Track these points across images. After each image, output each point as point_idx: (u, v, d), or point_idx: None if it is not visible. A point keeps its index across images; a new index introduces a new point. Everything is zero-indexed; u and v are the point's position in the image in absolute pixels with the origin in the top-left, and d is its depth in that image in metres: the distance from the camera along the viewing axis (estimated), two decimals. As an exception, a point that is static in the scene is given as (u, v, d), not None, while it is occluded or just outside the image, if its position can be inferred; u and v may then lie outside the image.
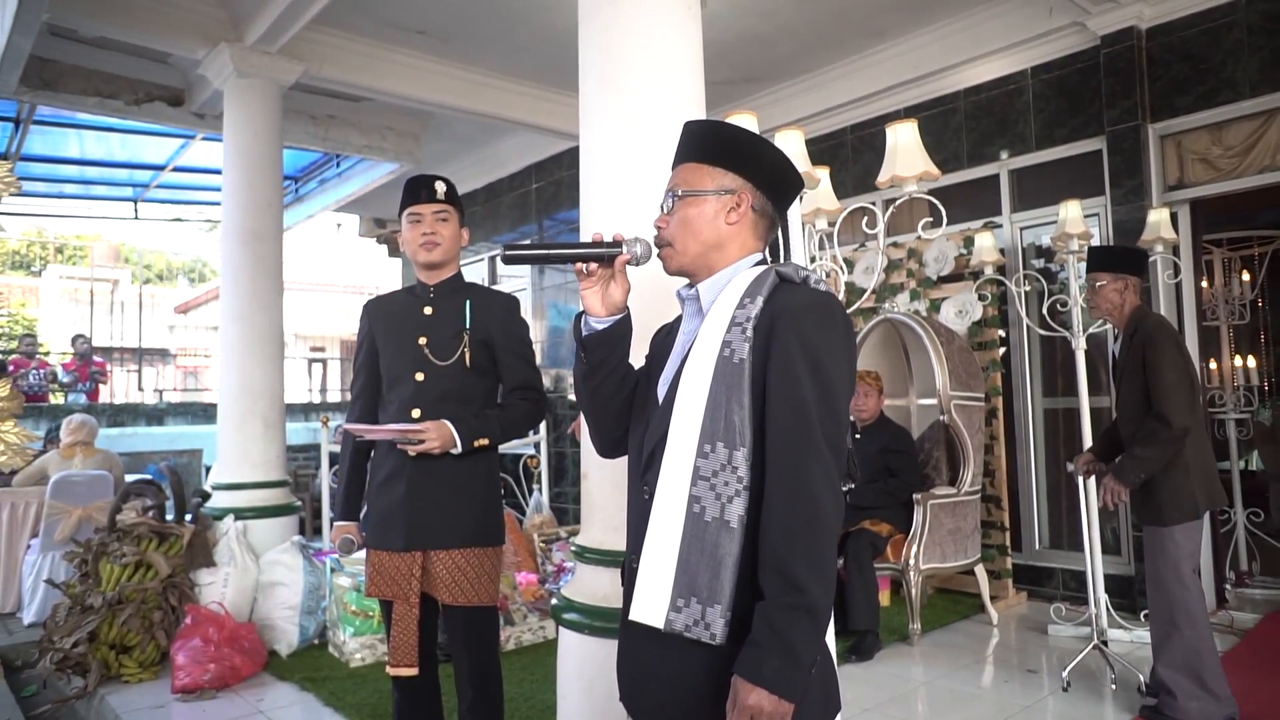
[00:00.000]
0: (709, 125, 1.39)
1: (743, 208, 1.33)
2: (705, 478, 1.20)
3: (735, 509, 1.18)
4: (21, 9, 4.04)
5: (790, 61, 5.73)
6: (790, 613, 1.12)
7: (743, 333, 1.22)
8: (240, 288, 4.86)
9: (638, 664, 1.31)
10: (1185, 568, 3.00)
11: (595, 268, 1.36)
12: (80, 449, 5.45)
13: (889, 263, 5.25)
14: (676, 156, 1.40)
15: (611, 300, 1.37)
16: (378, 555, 2.26)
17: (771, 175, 1.36)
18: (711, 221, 1.32)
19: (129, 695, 3.60)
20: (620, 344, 1.40)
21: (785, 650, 1.11)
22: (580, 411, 1.67)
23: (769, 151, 1.37)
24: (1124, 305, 3.17)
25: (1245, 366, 5.71)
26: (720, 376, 1.22)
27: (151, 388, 14.62)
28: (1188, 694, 2.96)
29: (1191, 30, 4.47)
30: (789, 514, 1.15)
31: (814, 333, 1.21)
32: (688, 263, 1.35)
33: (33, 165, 7.56)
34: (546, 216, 7.81)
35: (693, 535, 1.19)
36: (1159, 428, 2.95)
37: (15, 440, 1.95)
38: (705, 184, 1.33)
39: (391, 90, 5.63)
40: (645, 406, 1.39)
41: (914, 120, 2.84)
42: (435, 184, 2.30)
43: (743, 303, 1.25)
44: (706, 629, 1.17)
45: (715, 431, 1.20)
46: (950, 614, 4.59)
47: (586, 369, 1.41)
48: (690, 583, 1.18)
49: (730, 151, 1.34)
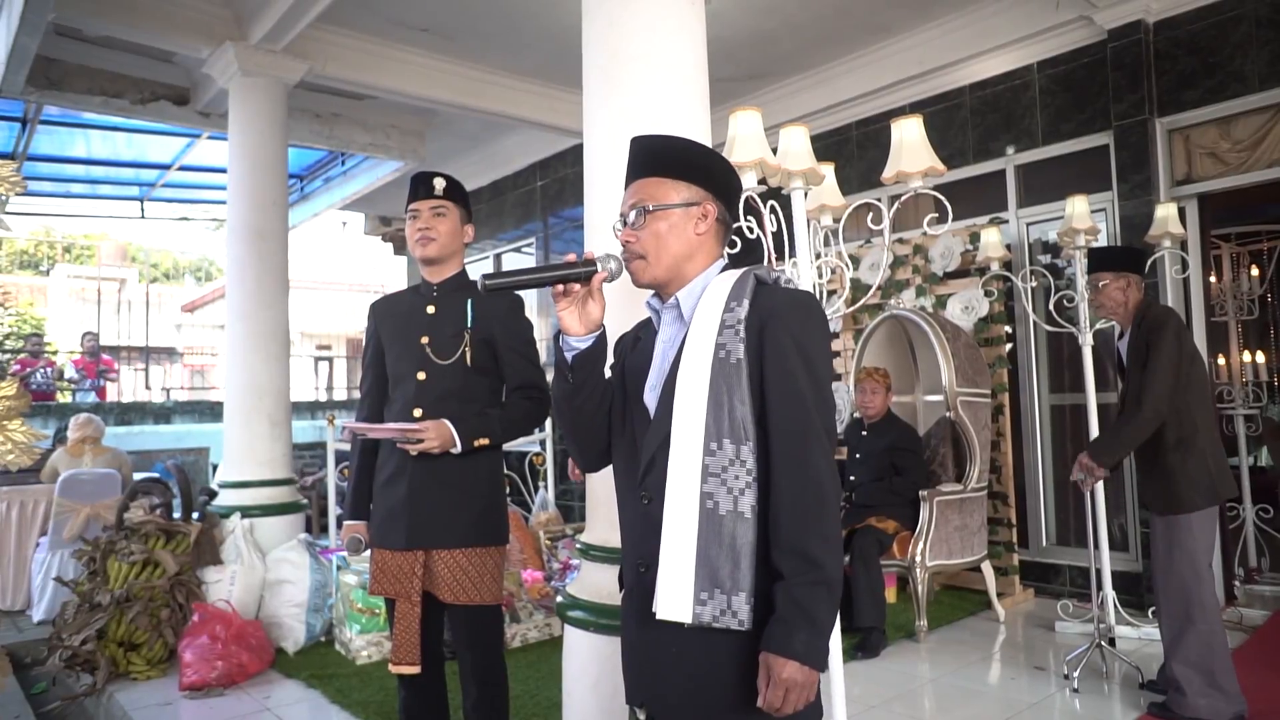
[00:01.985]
0: (665, 141, 1.45)
1: (709, 219, 1.40)
2: (715, 474, 1.25)
3: (747, 500, 1.25)
4: (28, 9, 4.05)
5: (794, 58, 5.71)
6: (812, 588, 1.21)
7: (736, 334, 1.28)
8: (246, 286, 4.87)
9: (656, 661, 1.34)
10: (1202, 560, 3.00)
11: (575, 287, 1.38)
12: (90, 446, 5.47)
13: (894, 259, 5.23)
14: (631, 172, 1.44)
15: (590, 318, 1.40)
16: (381, 553, 2.26)
17: (725, 184, 1.44)
18: (681, 233, 1.38)
19: (137, 692, 3.62)
20: (600, 360, 1.44)
21: (810, 622, 1.20)
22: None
23: (719, 161, 1.46)
24: (1128, 302, 3.21)
25: (1254, 362, 5.68)
26: (719, 376, 1.27)
27: (159, 386, 14.67)
28: (1198, 690, 2.95)
29: (1199, 24, 4.44)
30: (800, 499, 1.24)
31: (802, 330, 1.29)
32: (661, 274, 1.40)
33: (40, 165, 7.59)
34: (551, 214, 7.80)
35: (709, 530, 1.24)
36: (1133, 411, 3.03)
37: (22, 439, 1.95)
38: (671, 197, 1.39)
39: (396, 88, 5.63)
40: (629, 415, 1.43)
41: (919, 116, 2.82)
42: (434, 180, 2.29)
43: (729, 306, 1.31)
44: (734, 616, 1.23)
45: (721, 429, 1.26)
46: (957, 611, 4.57)
47: (571, 389, 1.43)
48: (712, 575, 1.23)
49: (689, 165, 1.41)
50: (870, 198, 2.94)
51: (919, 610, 4.16)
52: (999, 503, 4.83)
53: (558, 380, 1.45)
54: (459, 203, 2.33)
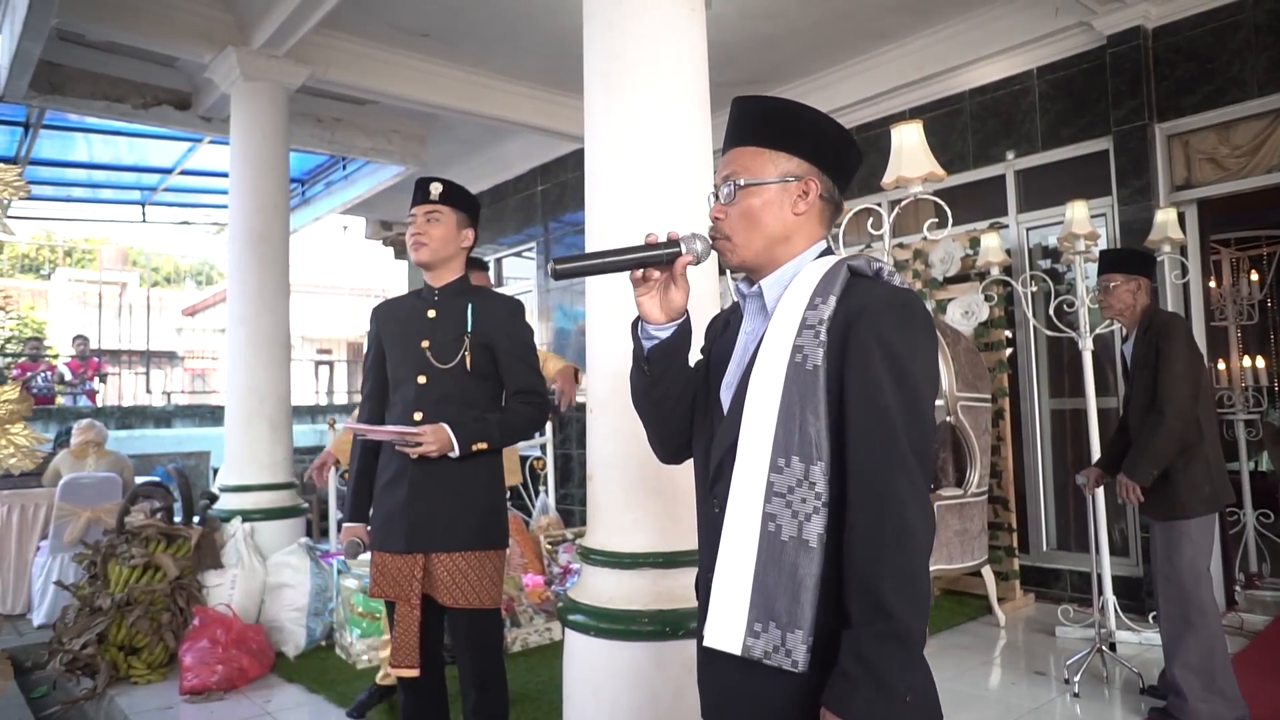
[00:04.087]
0: (768, 103, 1.25)
1: (810, 196, 1.22)
2: (780, 494, 1.11)
3: (814, 527, 1.10)
4: (31, 14, 4.07)
5: (795, 63, 5.73)
6: (880, 640, 1.05)
7: (815, 336, 1.12)
8: (247, 290, 4.88)
9: (718, 688, 1.23)
10: (1201, 565, 3.01)
11: (655, 272, 1.23)
12: (93, 450, 5.48)
13: (895, 264, 5.24)
14: (729, 138, 1.26)
15: (672, 305, 1.25)
16: (381, 556, 2.27)
17: (836, 157, 1.25)
18: (777, 213, 1.21)
19: (137, 696, 3.61)
20: (683, 350, 1.30)
21: (876, 681, 1.04)
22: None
23: (832, 130, 1.25)
24: (1136, 305, 3.21)
25: (1254, 367, 5.68)
26: (792, 384, 1.12)
27: (159, 390, 14.68)
28: (1198, 695, 2.95)
29: (1198, 30, 4.46)
30: (875, 532, 1.07)
31: (894, 334, 1.11)
32: (750, 258, 1.23)
33: (42, 169, 7.62)
34: (552, 219, 7.82)
35: (769, 555, 1.10)
36: (1156, 420, 3.00)
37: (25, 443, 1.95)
38: (768, 171, 1.21)
39: (397, 93, 5.64)
40: (708, 411, 1.29)
41: (919, 121, 2.84)
42: (430, 185, 2.29)
43: (814, 302, 1.14)
44: (788, 655, 1.09)
45: (790, 444, 1.11)
46: (957, 615, 4.57)
47: (649, 381, 1.30)
48: (768, 606, 1.10)
49: (794, 132, 1.22)
50: (870, 203, 2.95)
51: (919, 615, 4.15)
52: (999, 507, 4.83)
53: (635, 372, 1.32)
54: (456, 207, 2.31)
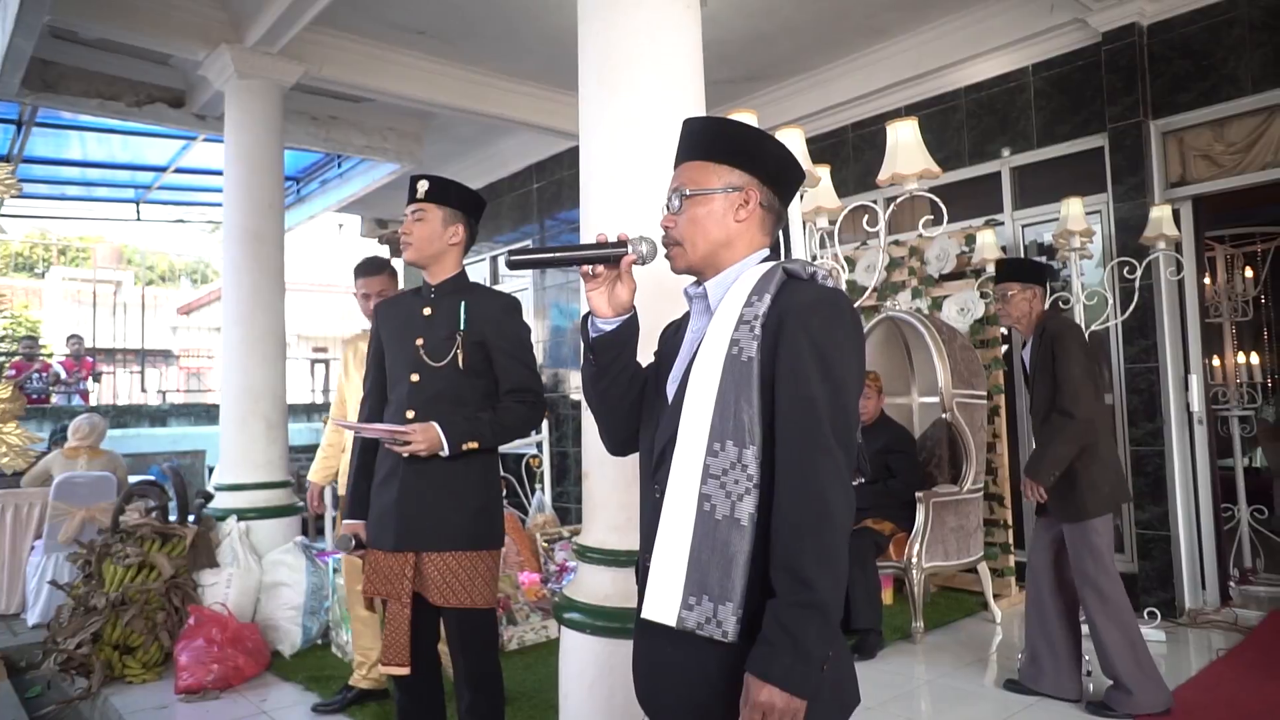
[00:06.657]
0: (711, 122, 1.38)
1: (751, 205, 1.33)
2: (715, 476, 1.21)
3: (745, 507, 1.19)
4: (23, 11, 4.05)
5: (790, 60, 5.72)
6: (800, 610, 1.14)
7: (751, 331, 1.23)
8: (242, 289, 4.86)
9: (652, 661, 1.32)
10: (1108, 559, 3.17)
11: (601, 269, 1.35)
12: (86, 450, 5.46)
13: (890, 261, 5.24)
14: (679, 154, 1.39)
15: (618, 301, 1.37)
16: (374, 554, 2.27)
17: (776, 170, 1.36)
18: (720, 220, 1.32)
19: (133, 696, 3.61)
20: (628, 344, 1.40)
21: (796, 647, 1.13)
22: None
23: (772, 146, 1.37)
24: (1032, 312, 3.37)
25: (1249, 363, 5.70)
26: (729, 375, 1.22)
27: (154, 389, 14.62)
28: (1140, 685, 3.07)
29: (1193, 26, 4.46)
30: (798, 512, 1.17)
31: (822, 330, 1.21)
32: (696, 261, 1.34)
33: (35, 167, 7.59)
34: (548, 216, 7.81)
35: (704, 533, 1.20)
36: (1065, 421, 3.13)
37: (17, 442, 1.95)
38: (712, 182, 1.33)
39: (392, 91, 5.63)
40: (655, 405, 1.39)
41: (915, 118, 2.84)
42: (418, 183, 2.28)
43: (750, 300, 1.25)
44: (719, 626, 1.18)
45: (725, 430, 1.21)
46: (953, 612, 4.58)
47: (595, 370, 1.41)
48: (702, 580, 1.19)
49: (735, 148, 1.34)
50: (866, 200, 2.95)
51: (915, 612, 4.16)
52: (995, 504, 4.84)
53: (584, 362, 1.42)
54: (444, 204, 2.28)
